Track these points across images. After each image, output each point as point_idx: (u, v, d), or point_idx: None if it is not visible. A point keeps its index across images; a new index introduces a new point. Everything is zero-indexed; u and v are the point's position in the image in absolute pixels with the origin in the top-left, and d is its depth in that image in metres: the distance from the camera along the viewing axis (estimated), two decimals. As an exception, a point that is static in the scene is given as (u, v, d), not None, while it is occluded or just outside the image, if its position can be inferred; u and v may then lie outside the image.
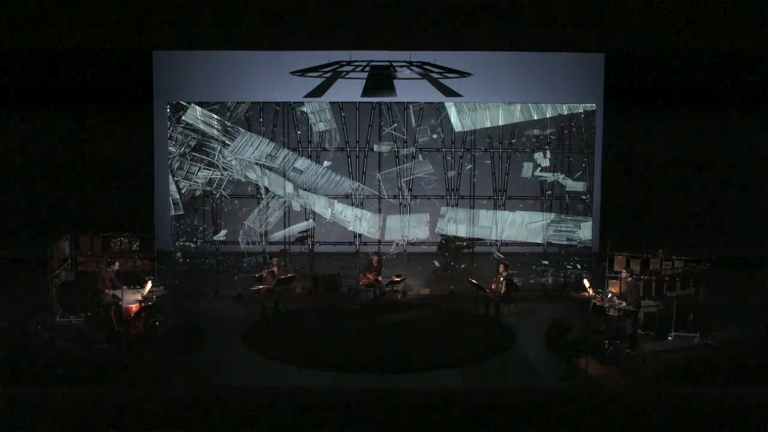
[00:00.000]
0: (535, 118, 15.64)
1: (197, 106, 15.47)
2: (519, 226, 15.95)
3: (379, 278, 14.78)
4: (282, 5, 14.94)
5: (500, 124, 15.79)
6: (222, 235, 15.85)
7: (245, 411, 10.06)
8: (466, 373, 11.85)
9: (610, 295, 13.38)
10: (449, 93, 14.17)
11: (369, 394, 10.72)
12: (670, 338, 12.95)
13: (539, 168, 15.78)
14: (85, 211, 17.34)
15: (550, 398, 10.70)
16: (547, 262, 15.77)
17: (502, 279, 14.19)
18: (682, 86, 16.66)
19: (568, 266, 15.56)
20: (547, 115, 15.66)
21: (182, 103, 15.52)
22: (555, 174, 15.75)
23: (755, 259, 16.61)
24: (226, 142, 15.58)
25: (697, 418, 9.99)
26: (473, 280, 14.43)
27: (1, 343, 12.32)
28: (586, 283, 13.61)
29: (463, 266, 15.80)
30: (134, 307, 12.67)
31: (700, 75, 16.64)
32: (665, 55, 16.31)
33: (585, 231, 15.80)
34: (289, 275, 14.77)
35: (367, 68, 13.77)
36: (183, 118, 15.47)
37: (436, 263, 16.00)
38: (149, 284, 13.17)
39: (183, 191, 15.57)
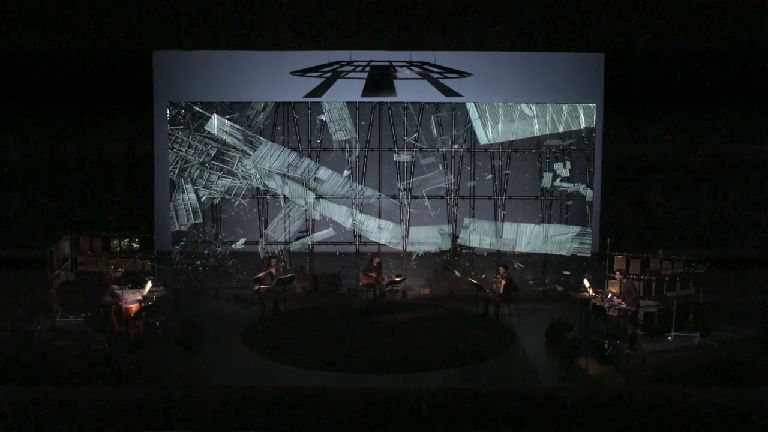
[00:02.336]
0: (561, 130, 15.44)
1: (218, 116, 15.34)
2: (545, 238, 15.75)
3: (380, 278, 14.78)
4: (282, 5, 14.96)
5: (525, 136, 15.57)
6: (241, 243, 15.77)
7: (245, 411, 10.07)
8: (466, 373, 11.86)
9: (610, 295, 13.38)
10: (449, 93, 14.18)
11: (369, 394, 10.73)
12: (670, 338, 12.95)
13: (559, 178, 15.65)
14: (85, 211, 17.36)
15: (550, 398, 10.71)
16: (568, 273, 15.62)
17: (501, 279, 14.19)
18: (682, 86, 16.67)
19: (588, 275, 15.35)
20: (571, 128, 15.44)
21: (194, 106, 15.37)
22: (576, 185, 15.60)
23: (755, 259, 16.62)
24: (248, 151, 15.48)
25: (697, 418, 10.00)
26: (473, 280, 14.43)
27: (1, 343, 12.32)
28: (586, 283, 13.61)
29: (483, 276, 15.58)
30: (134, 307, 12.67)
31: (699, 75, 16.64)
32: (665, 55, 16.30)
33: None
34: (288, 275, 14.76)
35: (367, 68, 13.77)
36: (205, 127, 15.35)
37: (456, 272, 15.90)
38: (149, 284, 13.17)
39: (202, 199, 15.50)
